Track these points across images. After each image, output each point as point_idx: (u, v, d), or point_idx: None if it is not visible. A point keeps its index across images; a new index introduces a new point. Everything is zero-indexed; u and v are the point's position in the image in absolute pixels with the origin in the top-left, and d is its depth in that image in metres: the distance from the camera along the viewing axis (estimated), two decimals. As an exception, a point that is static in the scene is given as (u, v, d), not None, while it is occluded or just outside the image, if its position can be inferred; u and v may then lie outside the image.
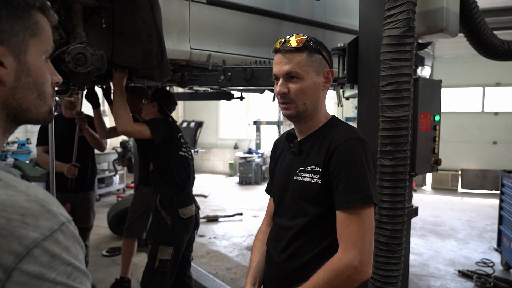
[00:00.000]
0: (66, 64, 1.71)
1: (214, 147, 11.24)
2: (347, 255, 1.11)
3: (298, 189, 1.25)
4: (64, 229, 0.56)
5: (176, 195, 2.56)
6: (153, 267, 2.48)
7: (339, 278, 1.10)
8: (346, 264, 1.10)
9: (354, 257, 1.10)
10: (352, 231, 1.12)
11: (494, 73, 8.67)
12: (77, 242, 0.58)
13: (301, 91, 1.22)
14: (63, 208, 0.59)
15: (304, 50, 1.21)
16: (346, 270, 1.09)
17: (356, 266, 1.09)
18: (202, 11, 2.08)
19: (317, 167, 1.20)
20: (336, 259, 1.12)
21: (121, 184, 7.83)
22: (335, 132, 1.22)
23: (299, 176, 1.25)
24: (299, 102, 1.23)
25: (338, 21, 2.74)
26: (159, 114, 2.68)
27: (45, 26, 0.67)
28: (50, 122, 0.72)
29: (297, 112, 1.24)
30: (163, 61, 1.96)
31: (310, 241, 1.23)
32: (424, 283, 3.94)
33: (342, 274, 1.10)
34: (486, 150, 8.92)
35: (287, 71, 1.21)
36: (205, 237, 5.30)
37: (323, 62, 1.25)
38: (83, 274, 0.57)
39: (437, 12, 1.79)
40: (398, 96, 1.67)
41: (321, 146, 1.22)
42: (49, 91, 0.69)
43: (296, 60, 1.21)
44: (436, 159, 2.04)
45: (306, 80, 1.21)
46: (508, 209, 4.14)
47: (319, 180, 1.19)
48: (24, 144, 6.38)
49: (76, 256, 0.57)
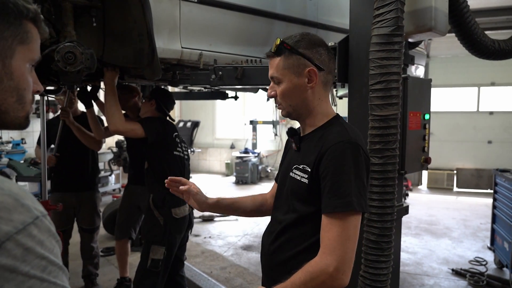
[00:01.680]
0: (56, 63, 1.71)
1: (210, 147, 11.23)
2: (323, 260, 1.09)
3: (290, 185, 1.27)
4: (38, 223, 0.56)
5: (169, 194, 2.55)
6: (145, 267, 2.47)
7: (313, 281, 1.09)
8: (321, 269, 1.08)
9: (330, 263, 1.07)
10: (332, 237, 1.10)
11: (489, 73, 8.71)
12: (52, 236, 0.58)
13: (282, 94, 1.24)
14: (38, 203, 0.59)
15: (280, 54, 1.22)
16: (320, 275, 1.08)
17: (331, 272, 1.07)
18: (193, 10, 2.09)
19: (308, 166, 1.21)
20: (314, 263, 1.11)
21: (117, 184, 7.81)
22: (330, 133, 1.20)
23: (293, 173, 1.26)
24: (285, 104, 1.26)
25: (330, 20, 2.75)
26: (157, 113, 2.67)
27: (34, 36, 0.71)
28: (25, 128, 0.74)
29: (287, 113, 1.28)
30: (154, 60, 1.96)
31: (297, 237, 1.24)
32: (418, 282, 3.95)
33: (316, 279, 1.08)
34: (481, 150, 8.96)
35: (271, 76, 1.26)
36: (200, 236, 5.30)
37: (303, 62, 1.21)
38: (58, 268, 0.57)
39: (426, 11, 1.80)
40: (387, 94, 1.68)
41: (316, 146, 1.22)
42: (29, 97, 0.72)
43: (274, 65, 1.24)
44: (426, 158, 2.05)
45: (285, 83, 1.23)
46: (501, 208, 4.16)
47: (306, 180, 1.20)
48: (18, 144, 6.35)
49: (51, 250, 0.57)
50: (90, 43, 1.98)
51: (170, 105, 2.75)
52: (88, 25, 1.94)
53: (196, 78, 2.23)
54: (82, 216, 3.32)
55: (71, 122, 3.08)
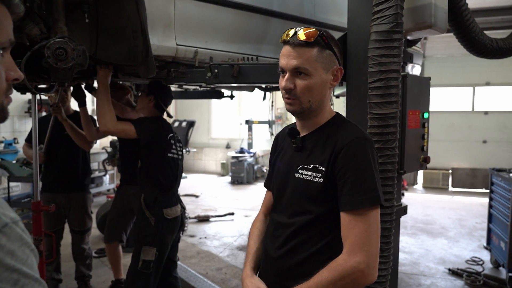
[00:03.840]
0: (46, 59, 1.65)
1: (206, 147, 11.18)
2: (353, 257, 1.07)
3: (298, 186, 1.22)
4: (7, 231, 0.50)
5: (160, 195, 2.51)
6: (137, 268, 2.42)
7: (343, 280, 1.07)
8: (352, 266, 1.07)
9: (361, 260, 1.07)
10: (359, 233, 1.09)
11: (484, 73, 8.75)
12: (25, 245, 0.52)
13: (307, 89, 1.16)
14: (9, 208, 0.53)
15: (315, 46, 1.15)
16: (352, 273, 1.07)
17: (363, 269, 1.07)
18: (188, 6, 2.04)
19: (320, 166, 1.17)
20: (342, 261, 1.09)
21: (111, 184, 7.74)
22: (342, 131, 1.18)
23: (300, 174, 1.21)
24: (304, 99, 1.18)
25: (327, 18, 2.71)
26: (154, 110, 2.60)
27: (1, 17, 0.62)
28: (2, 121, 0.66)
29: (301, 109, 1.20)
30: (148, 57, 1.91)
31: (308, 239, 1.20)
32: (415, 282, 3.94)
33: (347, 277, 1.07)
34: (476, 149, 8.99)
35: (296, 66, 1.15)
36: (196, 237, 5.25)
37: (333, 59, 1.19)
38: (34, 281, 0.51)
39: (425, 8, 1.77)
40: (386, 92, 1.65)
41: (326, 145, 1.18)
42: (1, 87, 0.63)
43: (306, 56, 1.15)
44: (425, 157, 2.02)
45: (314, 77, 1.16)
46: (497, 207, 4.16)
47: (321, 180, 1.16)
48: (11, 143, 6.27)
49: (23, 261, 0.50)
50: (83, 40, 1.92)
51: (169, 101, 2.68)
52: (81, 21, 1.88)
53: (191, 76, 2.18)
54: (72, 218, 3.26)
55: (63, 118, 3.01)
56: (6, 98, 0.64)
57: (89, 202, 3.34)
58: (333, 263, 1.10)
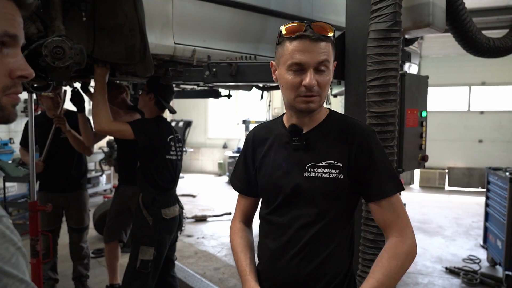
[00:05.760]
0: (44, 58, 1.64)
1: (203, 147, 11.16)
2: (407, 236, 1.14)
3: (313, 186, 1.16)
4: None
5: (159, 195, 2.50)
6: (135, 268, 2.41)
7: (408, 260, 1.13)
8: (410, 244, 1.14)
9: (412, 239, 1.15)
10: (398, 217, 1.16)
11: (479, 73, 8.79)
12: (9, 242, 0.48)
13: (328, 84, 1.15)
14: None
15: (331, 39, 1.13)
16: (411, 252, 1.13)
17: (415, 246, 1.15)
18: (186, 5, 2.04)
19: (336, 161, 1.15)
20: (400, 243, 1.13)
21: (108, 184, 7.71)
22: (349, 125, 1.20)
23: (311, 172, 1.16)
24: (323, 96, 1.15)
25: (325, 18, 2.71)
26: (155, 107, 2.57)
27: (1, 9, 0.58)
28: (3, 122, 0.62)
29: (319, 106, 1.16)
30: (146, 56, 1.90)
31: (324, 239, 1.17)
32: (412, 280, 3.95)
33: (410, 255, 1.13)
34: (472, 149, 9.04)
35: (321, 60, 1.09)
36: (193, 237, 5.24)
37: (334, 52, 1.18)
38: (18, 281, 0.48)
39: (424, 6, 1.77)
40: (384, 91, 1.66)
41: (335, 140, 1.17)
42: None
43: (327, 49, 1.11)
44: (423, 156, 2.03)
45: (331, 71, 1.15)
46: (493, 206, 4.18)
47: (341, 175, 1.14)
48: (6, 144, 6.22)
49: (6, 259, 0.47)
50: (80, 38, 1.91)
51: (170, 97, 2.64)
52: (78, 19, 1.87)
53: (189, 75, 2.18)
54: (70, 215, 3.25)
55: (67, 130, 3.00)
56: (8, 96, 0.60)
57: (86, 200, 3.33)
58: (390, 249, 1.13)
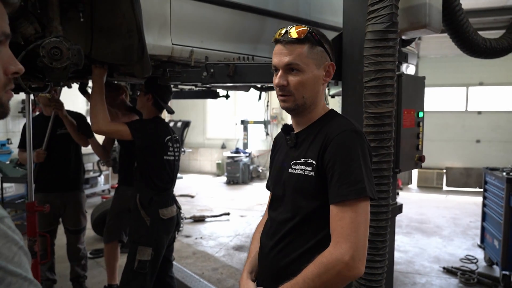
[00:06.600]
0: (41, 59, 1.64)
1: (201, 147, 11.16)
2: (338, 249, 1.07)
3: (292, 182, 1.22)
4: None
5: (156, 195, 2.50)
6: (132, 268, 2.41)
7: (328, 273, 1.06)
8: (336, 258, 1.06)
9: (345, 251, 1.05)
10: (345, 225, 1.08)
11: (477, 73, 8.82)
12: (11, 242, 0.49)
13: (300, 84, 1.18)
14: None
15: (306, 42, 1.18)
16: (336, 265, 1.06)
17: (347, 261, 1.05)
18: (183, 6, 2.04)
19: (311, 159, 1.18)
20: (327, 253, 1.09)
21: (106, 184, 7.70)
22: (332, 124, 1.20)
23: (293, 169, 1.22)
24: (298, 95, 1.20)
25: (323, 18, 2.72)
26: (154, 108, 2.58)
27: None
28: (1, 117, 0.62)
29: (295, 105, 1.21)
30: (144, 57, 1.90)
31: (303, 235, 1.20)
32: (410, 280, 3.96)
33: (332, 269, 1.06)
34: (469, 149, 9.07)
35: (287, 63, 1.18)
36: (192, 237, 5.24)
37: (324, 55, 1.22)
38: (22, 279, 0.49)
39: (420, 7, 1.78)
40: (381, 92, 1.66)
41: (316, 138, 1.20)
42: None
43: (297, 52, 1.17)
44: (420, 156, 2.03)
45: (306, 73, 1.18)
46: (491, 206, 4.19)
47: (312, 173, 1.17)
48: (4, 144, 6.21)
49: (9, 258, 0.48)
50: (77, 39, 1.91)
51: (168, 97, 2.65)
52: (75, 20, 1.87)
53: (187, 76, 2.18)
54: (67, 217, 3.24)
55: (64, 115, 3.01)
56: (6, 93, 0.61)
57: (83, 201, 3.33)
58: (319, 256, 1.10)
